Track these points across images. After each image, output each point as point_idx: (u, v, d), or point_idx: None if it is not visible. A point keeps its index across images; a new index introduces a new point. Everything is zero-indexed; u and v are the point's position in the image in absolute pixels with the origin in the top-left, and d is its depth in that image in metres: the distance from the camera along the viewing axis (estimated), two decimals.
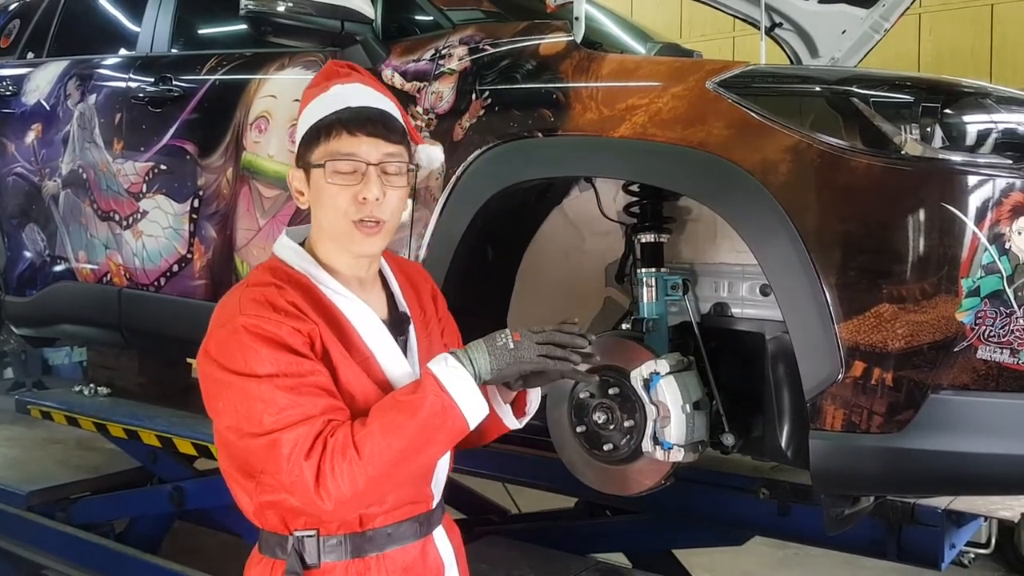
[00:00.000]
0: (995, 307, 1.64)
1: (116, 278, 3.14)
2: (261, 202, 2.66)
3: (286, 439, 1.33)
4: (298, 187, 1.50)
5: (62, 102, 3.34)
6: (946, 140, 1.73)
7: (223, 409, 1.40)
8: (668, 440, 1.90)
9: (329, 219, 1.46)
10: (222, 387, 1.39)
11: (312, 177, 1.46)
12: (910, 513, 2.39)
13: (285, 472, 1.34)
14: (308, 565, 1.45)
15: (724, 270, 2.10)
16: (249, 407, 1.35)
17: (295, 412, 1.34)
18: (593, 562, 2.76)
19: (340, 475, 1.32)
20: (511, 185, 2.11)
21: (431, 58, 2.32)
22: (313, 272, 1.48)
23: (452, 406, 1.38)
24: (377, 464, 1.34)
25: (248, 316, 1.38)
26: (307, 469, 1.32)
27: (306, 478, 1.32)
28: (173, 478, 3.45)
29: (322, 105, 1.48)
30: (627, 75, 2.02)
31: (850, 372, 1.69)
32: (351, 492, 1.33)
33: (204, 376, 1.43)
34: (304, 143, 1.48)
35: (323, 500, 1.33)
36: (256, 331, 1.37)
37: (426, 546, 1.53)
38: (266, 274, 1.46)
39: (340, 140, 1.44)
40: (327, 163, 1.43)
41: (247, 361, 1.36)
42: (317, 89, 1.51)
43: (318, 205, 1.47)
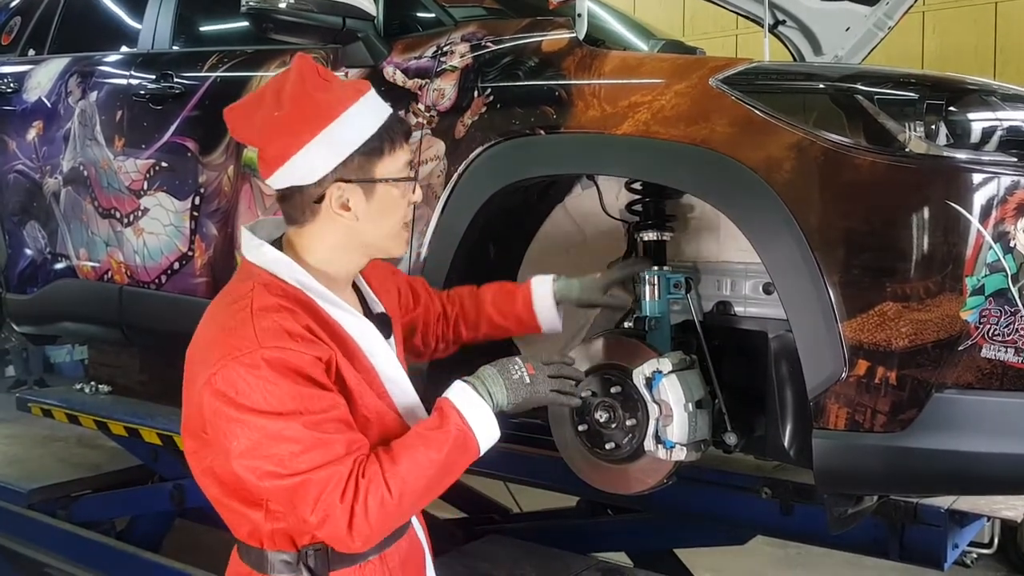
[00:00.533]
0: (1000, 305, 1.63)
1: (117, 276, 3.14)
2: (262, 200, 2.65)
3: (316, 480, 1.30)
4: (347, 203, 1.43)
5: (63, 99, 3.33)
6: (951, 138, 1.72)
7: (237, 448, 1.33)
8: (670, 439, 1.89)
9: (387, 228, 1.47)
10: (238, 425, 1.32)
11: (377, 191, 1.43)
12: (913, 513, 2.39)
13: (313, 512, 1.32)
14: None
15: (727, 268, 2.09)
16: (271, 447, 1.30)
17: (322, 452, 1.31)
18: (595, 561, 2.75)
19: (372, 515, 1.32)
20: (513, 183, 2.11)
21: (433, 55, 2.31)
22: (309, 285, 1.43)
23: (472, 439, 1.43)
24: (406, 501, 1.36)
25: (269, 349, 1.31)
26: (340, 511, 1.31)
27: (338, 519, 1.31)
28: (174, 476, 3.45)
29: (371, 113, 1.44)
30: (630, 72, 2.01)
31: (854, 371, 1.68)
32: (380, 529, 1.36)
33: (213, 412, 1.35)
34: (363, 155, 1.42)
35: (354, 540, 1.34)
36: (278, 365, 1.31)
37: (411, 535, 1.59)
38: (265, 295, 1.38)
39: (404, 149, 1.46)
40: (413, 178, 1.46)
41: (267, 398, 1.30)
42: (347, 92, 1.45)
43: (381, 217, 1.45)
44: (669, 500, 2.52)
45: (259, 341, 1.32)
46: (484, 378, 1.49)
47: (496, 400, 1.47)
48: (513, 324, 1.91)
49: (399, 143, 1.46)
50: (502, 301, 1.91)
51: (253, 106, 1.50)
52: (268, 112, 1.45)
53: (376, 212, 1.45)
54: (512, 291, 1.92)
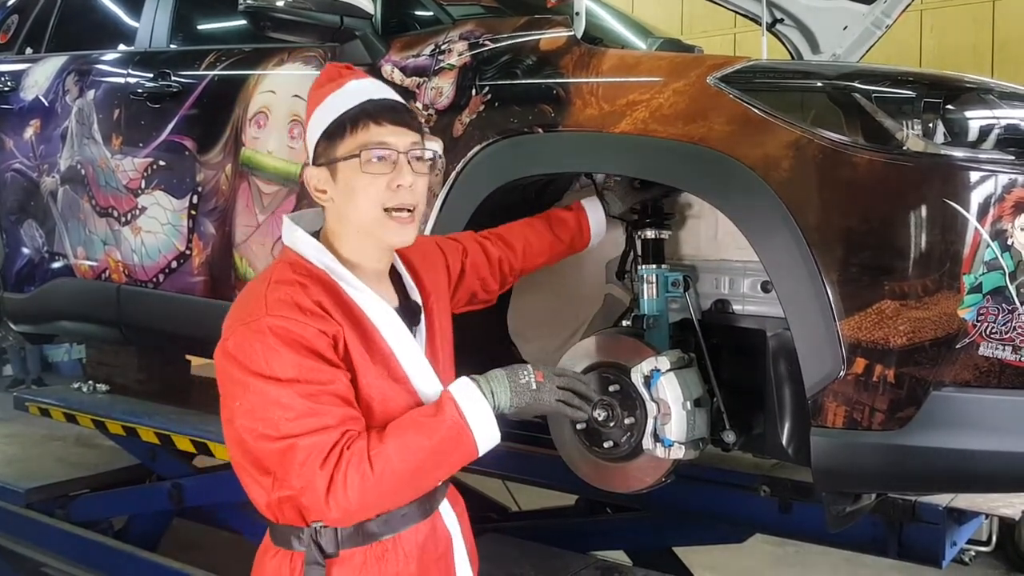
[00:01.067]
0: (997, 303, 1.63)
1: (115, 275, 3.14)
2: (260, 198, 2.65)
3: (302, 445, 1.35)
4: (318, 186, 1.50)
5: (60, 98, 3.33)
6: (948, 136, 1.72)
7: (239, 409, 1.40)
8: (669, 437, 1.89)
9: (362, 210, 1.47)
10: (240, 387, 1.39)
11: (340, 172, 1.47)
12: (911, 511, 2.39)
13: (296, 477, 1.36)
14: (327, 554, 1.47)
15: (725, 266, 2.09)
16: (267, 410, 1.36)
17: (313, 420, 1.36)
18: (593, 560, 2.76)
19: (351, 488, 1.35)
20: (511, 181, 2.11)
21: (431, 53, 2.31)
22: (333, 268, 1.49)
23: (468, 434, 1.44)
24: (388, 481, 1.37)
25: (274, 317, 1.38)
26: (320, 478, 1.34)
27: (317, 486, 1.35)
28: (172, 475, 3.45)
29: (341, 100, 1.49)
30: (628, 71, 2.01)
31: (852, 369, 1.68)
32: (358, 505, 1.37)
33: (222, 373, 1.43)
34: (325, 139, 1.48)
35: (330, 509, 1.36)
36: (282, 333, 1.37)
37: (435, 522, 1.59)
38: (287, 270, 1.47)
39: (369, 131, 1.46)
40: (362, 153, 1.45)
41: (269, 364, 1.36)
42: (331, 86, 1.51)
43: (349, 198, 1.47)
44: (668, 498, 2.52)
45: (267, 310, 1.39)
46: (490, 378, 1.51)
47: (498, 400, 1.49)
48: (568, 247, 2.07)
49: (364, 124, 1.47)
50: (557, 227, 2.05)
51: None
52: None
53: (343, 192, 1.48)
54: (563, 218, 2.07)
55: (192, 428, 3.14)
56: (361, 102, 1.49)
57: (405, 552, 1.52)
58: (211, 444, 3.03)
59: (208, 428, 3.10)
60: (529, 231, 2.03)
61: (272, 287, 1.43)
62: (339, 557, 1.48)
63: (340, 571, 1.48)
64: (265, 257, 2.65)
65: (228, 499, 3.30)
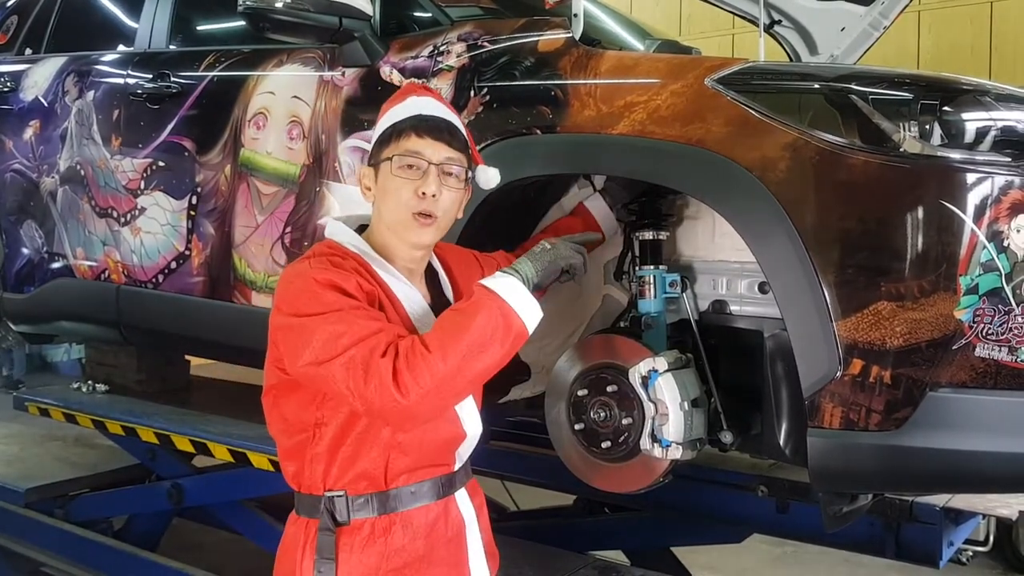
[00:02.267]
0: (993, 305, 1.64)
1: (114, 275, 3.14)
2: (259, 199, 2.65)
3: (361, 350, 1.44)
4: (367, 183, 1.67)
5: (60, 98, 3.33)
6: (945, 138, 1.72)
7: (302, 350, 1.49)
8: (666, 438, 1.89)
9: (390, 209, 1.62)
10: (297, 331, 1.50)
11: (380, 172, 1.64)
12: (908, 511, 2.40)
13: (366, 380, 1.43)
14: (339, 522, 1.58)
15: (723, 267, 2.09)
16: (325, 337, 1.46)
17: (365, 330, 1.46)
18: (592, 560, 2.76)
19: (414, 368, 1.43)
20: (510, 182, 2.11)
21: (429, 55, 2.31)
22: (366, 251, 1.63)
23: (505, 306, 1.53)
24: (447, 358, 1.45)
25: (317, 271, 1.53)
26: (383, 366, 1.43)
27: (383, 376, 1.42)
28: (172, 475, 3.44)
29: (397, 112, 1.66)
30: (626, 72, 2.02)
31: (848, 370, 1.69)
32: (428, 386, 1.43)
33: (279, 328, 1.55)
34: (378, 144, 1.66)
35: (402, 395, 1.42)
36: (325, 281, 1.51)
37: (448, 505, 1.67)
38: (324, 249, 1.62)
39: (409, 140, 1.62)
40: (395, 157, 1.61)
41: (317, 303, 1.49)
42: (395, 101, 1.70)
43: (383, 197, 1.63)
44: (666, 498, 2.53)
45: (310, 267, 1.55)
46: (512, 264, 1.66)
47: (524, 272, 1.62)
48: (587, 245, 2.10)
49: (407, 134, 1.62)
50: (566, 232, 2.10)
51: None
52: None
53: (381, 192, 1.64)
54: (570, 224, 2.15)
55: (191, 428, 3.14)
56: (411, 115, 1.65)
57: (413, 528, 1.60)
58: (210, 444, 3.03)
59: (207, 428, 3.10)
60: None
61: (312, 259, 1.58)
62: (349, 525, 1.58)
63: (348, 540, 1.58)
64: (264, 258, 2.65)
65: (227, 499, 3.30)
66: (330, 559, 1.56)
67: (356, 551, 1.57)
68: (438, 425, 1.62)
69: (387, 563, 1.58)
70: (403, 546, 1.59)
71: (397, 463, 1.60)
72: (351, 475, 1.58)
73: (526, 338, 1.55)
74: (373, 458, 1.58)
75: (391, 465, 1.59)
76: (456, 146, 1.64)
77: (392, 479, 1.60)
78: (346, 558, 1.57)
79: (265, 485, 2.95)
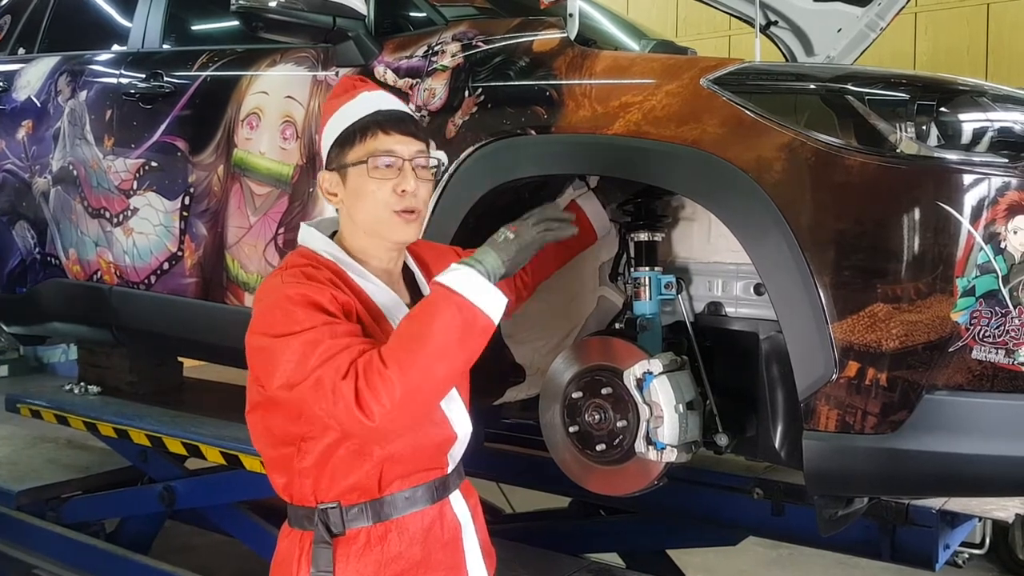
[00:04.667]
0: (990, 307, 1.63)
1: (106, 276, 3.12)
2: (252, 199, 2.64)
3: (326, 371, 1.41)
4: (330, 189, 1.61)
5: (53, 98, 3.32)
6: (941, 138, 1.71)
7: (273, 372, 1.46)
8: (661, 440, 1.88)
9: (369, 212, 1.57)
10: (270, 353, 1.47)
11: (349, 176, 1.58)
12: (904, 513, 2.39)
13: (332, 402, 1.40)
14: (334, 533, 1.56)
15: (718, 269, 2.08)
16: (295, 360, 1.43)
17: (332, 350, 1.42)
18: (587, 562, 2.75)
19: (375, 387, 1.39)
20: (504, 183, 2.10)
21: (424, 55, 2.30)
22: (341, 258, 1.59)
23: (464, 303, 1.46)
24: (407, 370, 1.40)
25: (289, 286, 1.49)
26: (346, 388, 1.39)
27: (347, 399, 1.39)
28: (164, 477, 3.43)
29: (353, 110, 1.61)
30: (621, 72, 2.01)
31: (844, 372, 1.68)
32: (390, 402, 1.39)
33: (253, 350, 1.52)
34: (337, 146, 1.60)
35: (367, 417, 1.39)
36: (298, 299, 1.47)
37: (443, 508, 1.65)
38: (299, 259, 1.57)
39: (377, 139, 1.57)
40: (369, 159, 1.56)
41: (288, 323, 1.45)
42: (344, 98, 1.63)
43: (357, 201, 1.58)
44: (661, 501, 2.52)
45: (282, 282, 1.51)
46: (475, 254, 1.58)
47: (487, 264, 1.54)
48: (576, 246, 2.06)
49: (372, 133, 1.57)
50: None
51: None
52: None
53: (353, 196, 1.58)
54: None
55: (183, 430, 3.12)
56: (371, 112, 1.59)
57: (409, 534, 1.58)
58: (203, 446, 3.01)
59: (200, 430, 3.08)
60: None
61: (285, 271, 1.54)
62: (345, 536, 1.55)
63: (344, 550, 1.55)
64: (257, 259, 2.64)
65: (220, 501, 3.29)
66: (327, 572, 1.54)
67: (353, 561, 1.55)
68: (428, 430, 1.60)
69: (385, 571, 1.57)
70: (400, 553, 1.58)
71: (391, 471, 1.58)
72: (343, 487, 1.56)
73: (493, 330, 1.50)
74: (367, 471, 1.56)
75: (384, 474, 1.57)
76: (421, 137, 1.62)
77: (386, 486, 1.58)
78: (343, 569, 1.55)
79: (257, 488, 2.93)
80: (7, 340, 3.92)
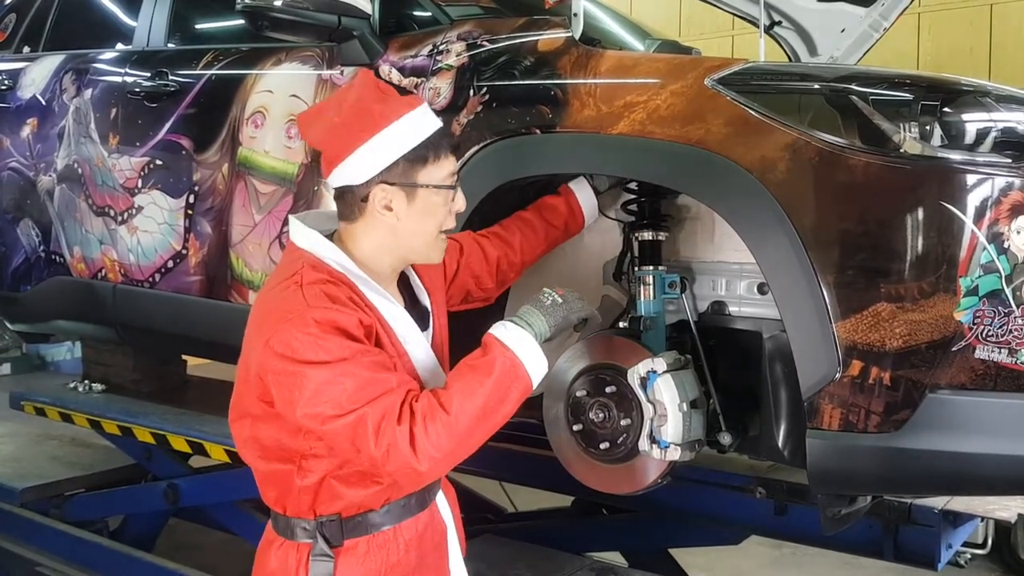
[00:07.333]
0: (993, 306, 1.63)
1: (111, 274, 3.13)
2: (257, 198, 2.64)
3: (372, 411, 1.39)
4: (389, 204, 1.55)
5: (58, 97, 3.32)
6: (945, 139, 1.72)
7: (298, 400, 1.43)
8: (665, 439, 1.89)
9: (427, 233, 1.58)
10: (294, 379, 1.42)
11: (419, 196, 1.55)
12: (907, 513, 2.39)
13: (376, 443, 1.39)
14: (333, 545, 1.55)
15: (722, 268, 2.09)
16: (328, 392, 1.40)
17: (373, 388, 1.41)
18: (589, 561, 2.75)
19: (433, 435, 1.40)
20: (509, 182, 2.10)
21: (429, 54, 2.31)
22: (350, 269, 1.55)
23: (519, 364, 1.51)
24: (464, 422, 1.43)
25: (316, 309, 1.44)
26: (400, 434, 1.39)
27: (400, 443, 1.39)
28: (167, 475, 3.43)
29: (419, 126, 1.56)
30: (625, 72, 2.01)
31: (848, 371, 1.68)
32: (444, 451, 1.41)
33: (270, 372, 1.46)
34: (406, 162, 1.54)
35: (419, 462, 1.39)
36: (326, 323, 1.43)
37: (432, 511, 1.68)
38: (311, 271, 1.52)
39: (448, 160, 1.58)
40: (452, 183, 1.58)
41: (317, 351, 1.41)
42: (400, 106, 1.56)
43: (418, 222, 1.56)
44: (663, 500, 2.52)
45: (308, 304, 1.45)
46: (521, 313, 1.60)
47: (537, 328, 1.57)
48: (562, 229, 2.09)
49: (443, 154, 1.58)
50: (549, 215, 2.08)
51: (318, 112, 1.66)
52: (330, 118, 1.59)
53: (417, 215, 1.56)
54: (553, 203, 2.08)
55: (188, 428, 3.13)
56: (437, 130, 1.58)
57: (406, 541, 1.59)
58: (207, 444, 3.02)
59: (204, 428, 3.09)
60: (523, 224, 2.07)
61: (306, 287, 1.48)
62: (343, 547, 1.55)
63: (344, 561, 1.55)
64: (261, 257, 2.64)
65: (223, 499, 3.29)
66: None
67: (353, 571, 1.55)
68: None
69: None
70: (399, 560, 1.58)
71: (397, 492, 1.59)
72: (346, 502, 1.55)
73: (529, 394, 1.53)
74: (374, 493, 1.57)
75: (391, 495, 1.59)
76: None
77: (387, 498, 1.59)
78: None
79: None
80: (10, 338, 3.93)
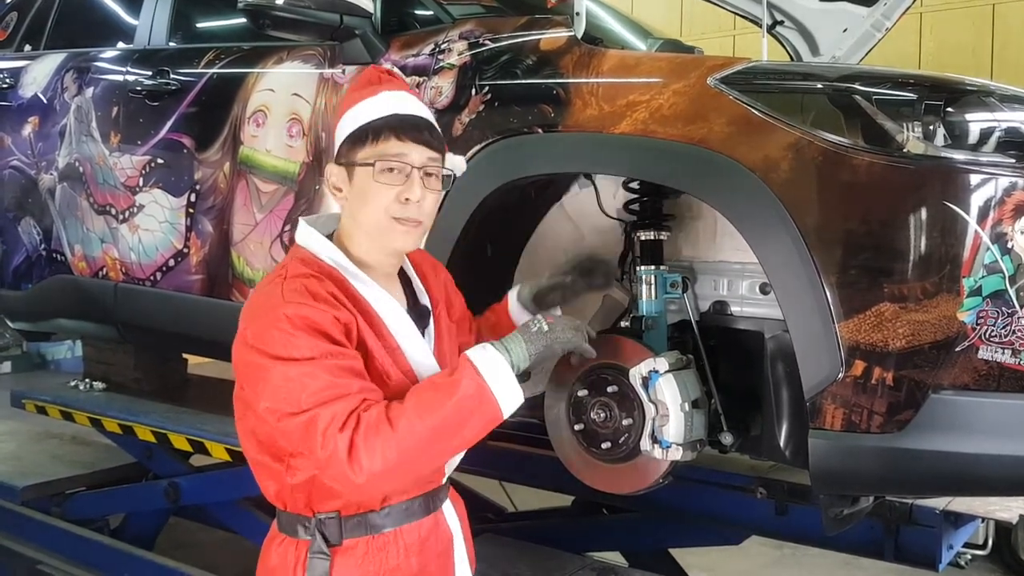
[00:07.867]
0: (997, 307, 1.63)
1: (112, 272, 3.13)
2: (258, 197, 2.64)
3: (323, 415, 1.38)
4: (336, 183, 1.57)
5: (59, 95, 3.32)
6: (948, 138, 1.72)
7: (262, 392, 1.44)
8: (666, 439, 1.88)
9: (370, 216, 1.53)
10: (261, 371, 1.43)
11: (355, 175, 1.54)
12: (908, 514, 2.39)
13: (320, 447, 1.38)
14: (331, 543, 1.53)
15: (724, 268, 2.09)
16: (287, 389, 1.41)
17: (331, 391, 1.40)
18: (590, 561, 2.75)
19: (372, 448, 1.37)
20: (510, 181, 2.10)
21: (430, 53, 2.31)
22: (343, 265, 1.54)
23: (486, 390, 1.46)
24: (409, 440, 1.39)
25: (290, 305, 1.43)
26: (341, 441, 1.37)
27: (339, 451, 1.37)
28: (168, 474, 3.43)
29: (371, 108, 1.55)
30: (628, 71, 2.01)
31: (850, 371, 1.68)
32: (383, 466, 1.38)
33: (242, 363, 1.48)
34: (349, 142, 1.55)
35: (355, 473, 1.38)
36: (298, 320, 1.42)
37: (437, 519, 1.64)
38: (299, 266, 1.52)
39: (389, 143, 1.52)
40: (377, 162, 1.51)
41: (287, 347, 1.41)
42: (365, 92, 1.58)
43: (360, 202, 1.54)
44: (664, 500, 2.52)
45: (284, 299, 1.44)
46: (504, 339, 1.55)
47: (514, 355, 1.52)
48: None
49: (387, 136, 1.52)
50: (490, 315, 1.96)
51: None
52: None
53: (357, 195, 1.54)
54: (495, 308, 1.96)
55: (188, 427, 3.13)
56: (388, 115, 1.54)
57: (406, 545, 1.56)
58: (207, 443, 3.02)
59: (204, 427, 3.09)
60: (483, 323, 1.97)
61: (288, 280, 1.48)
62: (342, 547, 1.53)
63: (342, 561, 1.53)
64: (263, 256, 2.64)
65: (224, 498, 3.29)
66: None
67: (351, 572, 1.53)
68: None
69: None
70: (398, 564, 1.56)
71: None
72: (344, 501, 1.53)
73: (499, 423, 1.49)
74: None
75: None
76: (435, 146, 1.56)
77: (386, 500, 1.56)
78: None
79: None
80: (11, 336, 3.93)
